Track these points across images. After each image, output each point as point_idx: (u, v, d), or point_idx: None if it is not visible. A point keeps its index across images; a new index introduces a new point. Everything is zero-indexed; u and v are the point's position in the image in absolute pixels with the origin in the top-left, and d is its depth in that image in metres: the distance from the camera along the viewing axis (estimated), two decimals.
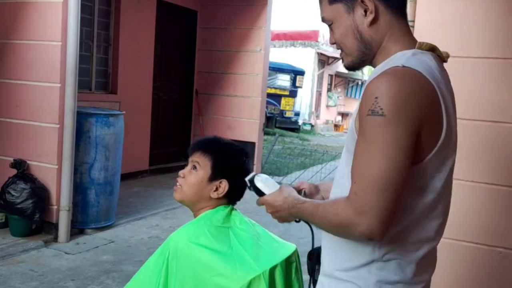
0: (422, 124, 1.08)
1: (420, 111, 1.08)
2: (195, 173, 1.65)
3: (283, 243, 1.69)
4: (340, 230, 1.15)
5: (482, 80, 2.28)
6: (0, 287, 3.31)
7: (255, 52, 7.29)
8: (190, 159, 1.68)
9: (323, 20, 1.28)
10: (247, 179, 1.48)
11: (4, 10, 4.33)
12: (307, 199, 1.29)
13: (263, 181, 1.45)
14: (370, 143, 1.08)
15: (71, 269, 3.67)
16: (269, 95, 10.46)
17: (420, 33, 2.39)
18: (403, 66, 1.10)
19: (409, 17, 2.44)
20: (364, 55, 1.25)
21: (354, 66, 1.28)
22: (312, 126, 18.79)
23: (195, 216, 1.67)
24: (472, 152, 2.25)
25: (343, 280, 1.20)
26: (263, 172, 7.75)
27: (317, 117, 20.16)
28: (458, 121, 1.26)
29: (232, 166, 1.66)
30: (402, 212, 1.13)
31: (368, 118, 1.08)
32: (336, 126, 21.13)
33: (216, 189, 1.63)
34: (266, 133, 10.20)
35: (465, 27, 2.31)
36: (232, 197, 1.68)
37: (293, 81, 16.72)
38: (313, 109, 19.88)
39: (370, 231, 1.07)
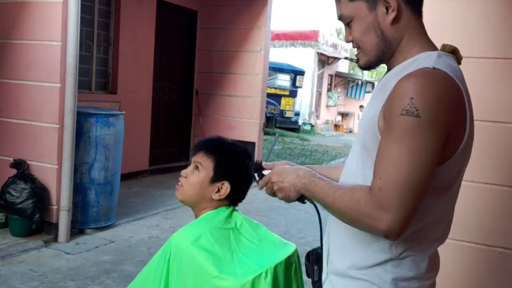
0: (451, 127, 1.10)
1: (451, 114, 1.09)
2: (197, 174, 1.64)
3: (284, 243, 1.69)
4: (357, 219, 1.12)
5: (482, 80, 2.28)
6: (0, 287, 3.31)
7: (255, 52, 7.29)
8: (192, 158, 1.67)
9: (341, 17, 1.25)
10: (254, 167, 1.47)
11: (4, 10, 4.33)
12: (321, 176, 1.24)
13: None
14: (400, 142, 1.07)
15: (71, 269, 3.67)
16: (269, 95, 10.46)
17: None
18: (434, 68, 1.10)
19: None
20: (383, 54, 1.23)
21: (370, 66, 1.27)
22: (312, 126, 18.79)
23: (196, 216, 1.66)
24: (472, 152, 2.25)
25: (358, 278, 1.20)
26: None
27: (317, 117, 20.16)
28: None
29: (235, 168, 1.65)
30: (423, 212, 1.14)
31: (402, 117, 1.07)
32: (336, 126, 21.13)
33: (218, 191, 1.62)
34: (266, 133, 10.20)
35: (465, 27, 2.31)
36: (233, 199, 1.67)
37: (293, 81, 16.73)
38: (313, 109, 19.89)
39: (389, 229, 1.07)
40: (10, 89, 4.35)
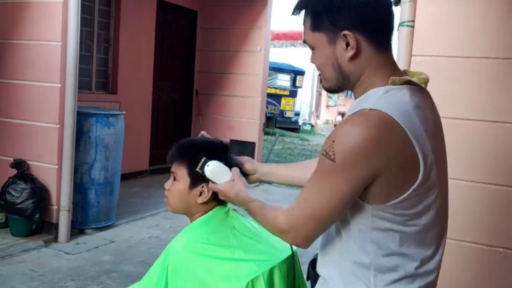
0: (380, 170, 1.10)
1: (379, 159, 1.09)
2: (176, 184, 1.62)
3: (282, 243, 1.68)
4: (275, 232, 1.29)
5: (482, 80, 2.28)
6: (0, 287, 3.31)
7: (255, 52, 7.29)
8: (171, 169, 1.65)
9: (305, 42, 1.27)
10: (197, 169, 1.53)
11: (4, 10, 4.33)
12: (256, 198, 1.38)
13: (212, 171, 1.51)
14: (318, 179, 1.17)
15: (71, 269, 3.67)
16: (269, 95, 10.45)
17: (420, 33, 2.40)
18: (370, 109, 1.10)
19: (409, 17, 2.45)
20: (342, 85, 1.26)
21: (332, 91, 1.30)
22: (312, 126, 18.79)
23: (191, 221, 1.65)
24: (472, 152, 2.26)
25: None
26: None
27: (317, 117, 20.16)
28: (458, 121, 1.26)
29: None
30: (390, 245, 1.17)
31: (322, 157, 1.15)
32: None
33: (201, 194, 1.60)
34: (266, 133, 10.19)
35: (465, 27, 2.31)
36: (219, 197, 1.65)
37: (293, 81, 16.72)
38: (313, 109, 19.88)
39: (295, 243, 1.24)
40: (10, 89, 4.35)
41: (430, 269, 1.21)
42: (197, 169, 1.53)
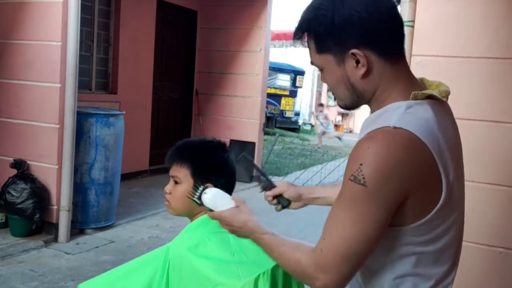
0: (410, 192, 1.04)
1: (408, 180, 1.03)
2: (179, 187, 1.61)
3: None
4: (297, 276, 1.17)
5: (482, 80, 2.28)
6: (0, 287, 3.31)
7: (255, 52, 7.29)
8: (169, 173, 1.64)
9: (312, 64, 1.20)
10: (194, 198, 1.40)
11: (4, 10, 4.33)
12: (268, 230, 1.25)
13: (211, 198, 1.37)
14: (346, 208, 1.06)
15: (71, 269, 3.67)
16: (269, 95, 10.46)
17: (420, 33, 2.40)
18: (394, 128, 1.03)
19: (409, 17, 2.45)
20: (357, 103, 1.19)
21: (348, 108, 1.23)
22: (312, 126, 18.79)
23: (191, 221, 1.65)
24: (472, 152, 2.25)
25: None
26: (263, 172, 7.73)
27: (317, 117, 20.15)
28: (458, 121, 1.24)
29: (211, 167, 1.61)
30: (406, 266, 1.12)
31: (349, 183, 1.05)
32: (336, 126, 21.11)
33: None
34: (266, 133, 10.20)
35: (465, 27, 2.31)
36: None
37: (293, 81, 16.72)
38: (313, 109, 19.88)
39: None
40: (10, 89, 4.35)
41: (445, 285, 1.16)
42: (194, 198, 1.40)
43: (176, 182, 1.62)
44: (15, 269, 3.59)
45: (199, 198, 1.39)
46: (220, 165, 1.63)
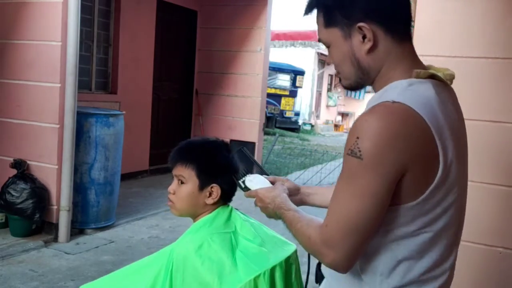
0: (407, 166, 1.03)
1: (405, 153, 1.03)
2: (184, 187, 1.61)
3: (284, 242, 1.69)
4: (310, 252, 1.19)
5: (482, 80, 2.28)
6: (0, 287, 3.31)
7: (255, 52, 7.29)
8: (173, 173, 1.63)
9: (320, 41, 1.21)
10: (240, 181, 1.51)
11: (4, 10, 4.33)
12: (293, 207, 1.30)
13: (254, 182, 1.50)
14: (346, 183, 1.07)
15: (71, 269, 3.67)
16: (269, 95, 10.46)
17: (420, 33, 2.40)
18: (393, 102, 1.04)
19: None
20: (362, 80, 1.19)
21: (352, 88, 1.24)
22: (312, 126, 18.79)
23: (194, 221, 1.65)
24: (472, 152, 2.25)
25: None
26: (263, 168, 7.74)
27: (317, 117, 20.16)
28: None
29: (217, 167, 1.62)
30: (400, 248, 1.11)
31: (347, 157, 1.06)
32: (336, 126, 21.13)
33: (210, 195, 1.61)
34: (266, 133, 10.20)
35: (465, 27, 2.31)
36: (227, 196, 1.66)
37: (293, 81, 16.72)
38: (313, 109, 19.88)
39: (335, 264, 1.09)
40: (10, 89, 4.35)
41: (443, 269, 1.15)
42: (240, 181, 1.51)
43: (181, 182, 1.61)
44: (15, 269, 3.59)
45: (244, 182, 1.52)
46: (224, 164, 1.63)
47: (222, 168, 1.62)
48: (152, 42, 6.92)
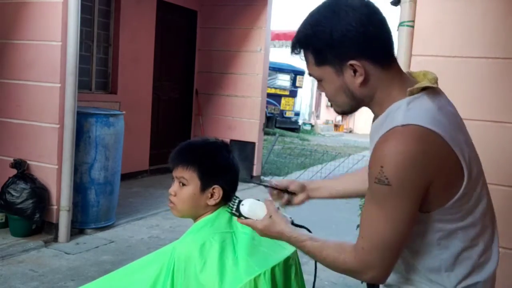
0: (432, 179, 1.13)
1: (428, 169, 1.12)
2: (185, 189, 1.60)
3: (284, 243, 1.68)
4: (345, 273, 1.26)
5: (482, 80, 2.28)
6: (0, 287, 3.31)
7: (255, 52, 7.29)
8: (173, 174, 1.63)
9: (311, 75, 1.27)
10: (233, 211, 1.44)
11: (4, 10, 4.33)
12: (305, 237, 1.32)
13: (250, 209, 1.42)
14: (378, 208, 1.16)
15: (71, 269, 3.67)
16: (269, 95, 10.46)
17: (420, 33, 2.40)
18: (402, 125, 1.12)
19: (409, 17, 2.45)
20: (355, 107, 1.28)
21: (345, 113, 1.33)
22: (312, 126, 18.80)
23: (195, 221, 1.65)
24: None
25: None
26: (263, 172, 7.76)
27: (317, 117, 20.17)
28: None
29: (219, 168, 1.62)
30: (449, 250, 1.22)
31: (375, 186, 1.14)
32: (336, 126, 21.13)
33: (212, 196, 1.61)
34: (266, 133, 10.20)
35: (465, 27, 2.31)
36: (228, 196, 1.66)
37: (293, 81, 16.72)
38: (313, 109, 19.89)
39: (375, 280, 1.22)
40: (10, 89, 4.35)
41: (494, 252, 1.29)
42: (233, 211, 1.44)
43: (182, 184, 1.61)
44: (15, 269, 3.59)
45: (237, 210, 1.44)
46: (225, 165, 1.63)
47: (224, 169, 1.62)
48: (152, 42, 6.92)
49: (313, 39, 1.21)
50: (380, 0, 1.35)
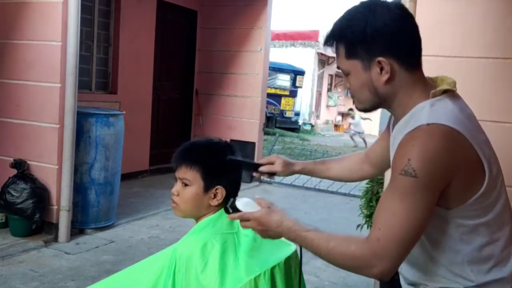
0: (454, 175, 1.18)
1: (451, 166, 1.17)
2: (188, 189, 1.60)
3: (284, 243, 1.69)
4: (350, 267, 1.24)
5: (482, 80, 2.29)
6: (1, 287, 3.31)
7: (255, 52, 7.29)
8: (176, 175, 1.63)
9: (339, 69, 1.33)
10: (228, 205, 1.43)
11: (4, 10, 4.33)
12: (310, 226, 1.29)
13: (244, 205, 1.40)
14: (400, 200, 1.17)
15: (72, 269, 3.67)
16: (269, 95, 10.46)
17: (420, 33, 2.39)
18: (428, 124, 1.17)
19: None
20: (378, 105, 1.33)
21: (366, 110, 1.37)
22: (312, 126, 18.80)
23: (197, 222, 1.65)
24: None
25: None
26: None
27: (317, 117, 20.18)
28: None
29: (222, 169, 1.61)
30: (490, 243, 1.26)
31: (401, 177, 1.17)
32: (336, 126, 21.14)
33: (214, 197, 1.61)
34: (266, 133, 10.20)
35: (465, 27, 2.31)
36: (231, 197, 1.66)
37: (293, 81, 16.73)
38: (313, 109, 19.90)
39: (384, 274, 1.19)
40: (10, 89, 4.35)
41: None
42: (227, 205, 1.43)
43: (185, 184, 1.61)
44: (15, 269, 3.58)
45: (232, 205, 1.42)
46: (229, 166, 1.63)
47: (226, 169, 1.62)
48: (152, 42, 6.92)
49: (347, 32, 1.26)
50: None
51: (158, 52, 7.11)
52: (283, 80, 16.47)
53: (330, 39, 1.30)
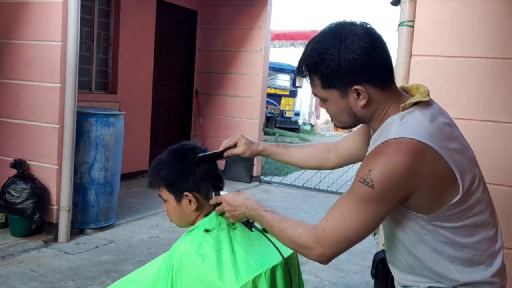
0: (415, 189, 1.22)
1: (413, 179, 1.20)
2: (168, 205, 1.68)
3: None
4: (296, 248, 1.37)
5: (482, 80, 2.29)
6: (1, 287, 3.31)
7: (255, 52, 7.29)
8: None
9: (315, 95, 1.36)
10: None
11: (4, 10, 4.33)
12: (269, 209, 1.45)
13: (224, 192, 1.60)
14: (353, 203, 1.24)
15: (71, 269, 3.67)
16: (269, 95, 10.46)
17: (420, 33, 2.40)
18: (395, 139, 1.21)
19: (409, 17, 2.45)
20: (356, 125, 1.40)
21: (345, 128, 1.45)
22: (312, 126, 18.80)
23: (192, 224, 1.67)
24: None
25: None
26: (263, 172, 7.77)
27: (317, 117, 20.17)
28: (458, 121, 1.27)
29: (178, 177, 1.62)
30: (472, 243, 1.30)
31: (359, 184, 1.23)
32: (336, 126, 21.11)
33: (190, 202, 1.63)
34: (266, 133, 10.20)
35: (465, 27, 2.31)
36: (216, 190, 1.65)
37: (293, 81, 16.72)
38: (313, 109, 19.89)
39: (322, 259, 1.30)
40: (10, 89, 4.35)
41: (499, 245, 1.34)
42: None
43: (164, 201, 1.68)
44: (15, 269, 3.59)
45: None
46: (182, 172, 1.62)
47: (182, 175, 1.62)
48: (152, 42, 6.92)
49: (321, 67, 1.29)
50: (380, 0, 1.38)
51: (158, 52, 7.11)
52: (283, 80, 16.46)
53: (304, 72, 1.33)
